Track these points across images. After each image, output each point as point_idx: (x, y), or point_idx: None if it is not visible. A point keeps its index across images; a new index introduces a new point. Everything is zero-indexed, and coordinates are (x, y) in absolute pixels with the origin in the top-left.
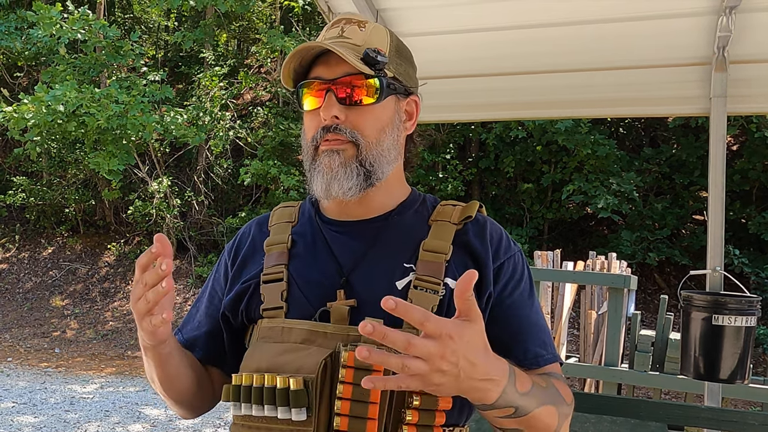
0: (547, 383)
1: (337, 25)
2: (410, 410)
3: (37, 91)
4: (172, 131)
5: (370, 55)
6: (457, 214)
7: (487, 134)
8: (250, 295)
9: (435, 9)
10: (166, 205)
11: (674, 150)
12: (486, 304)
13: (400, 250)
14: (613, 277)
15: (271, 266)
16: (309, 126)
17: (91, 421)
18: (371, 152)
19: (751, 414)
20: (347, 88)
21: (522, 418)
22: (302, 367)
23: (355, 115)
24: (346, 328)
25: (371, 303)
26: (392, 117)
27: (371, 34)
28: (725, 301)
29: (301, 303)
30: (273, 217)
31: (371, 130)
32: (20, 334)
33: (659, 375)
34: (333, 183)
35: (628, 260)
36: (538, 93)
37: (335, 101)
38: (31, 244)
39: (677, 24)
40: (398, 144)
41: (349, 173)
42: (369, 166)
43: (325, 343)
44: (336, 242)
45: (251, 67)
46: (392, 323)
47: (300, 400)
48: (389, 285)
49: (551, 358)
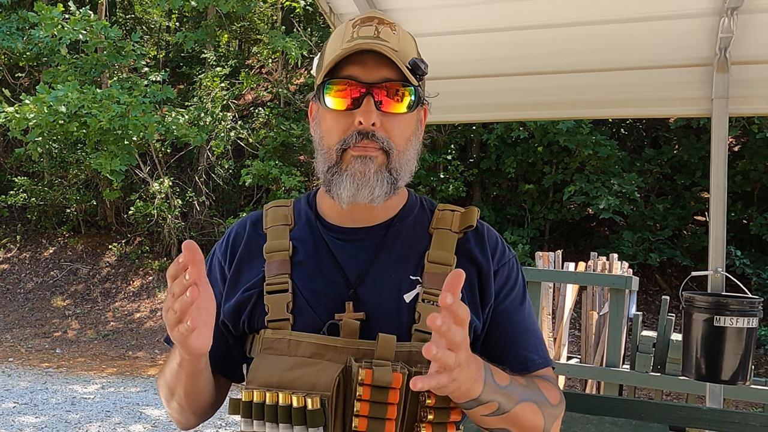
0: (528, 382)
1: (370, 24)
2: (424, 423)
3: (39, 92)
4: (173, 131)
5: (419, 65)
6: (457, 221)
7: (489, 135)
8: (252, 305)
9: (436, 10)
10: (167, 205)
11: (676, 151)
12: (487, 315)
13: (405, 261)
14: (614, 278)
15: (274, 275)
16: (335, 126)
17: (92, 422)
18: (399, 161)
19: (752, 415)
20: (385, 94)
21: (506, 416)
22: (316, 385)
23: (389, 123)
24: (356, 342)
25: (380, 316)
26: (416, 126)
27: (402, 38)
28: (727, 302)
29: (308, 315)
30: (267, 218)
31: (401, 140)
32: (21, 335)
33: (661, 376)
34: (364, 189)
35: (629, 261)
36: (539, 94)
37: (374, 107)
38: (32, 245)
39: (679, 25)
40: (418, 152)
41: (380, 180)
42: (396, 174)
43: (336, 357)
44: (340, 251)
45: (252, 68)
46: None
47: (317, 420)
48: (397, 298)
49: (543, 362)
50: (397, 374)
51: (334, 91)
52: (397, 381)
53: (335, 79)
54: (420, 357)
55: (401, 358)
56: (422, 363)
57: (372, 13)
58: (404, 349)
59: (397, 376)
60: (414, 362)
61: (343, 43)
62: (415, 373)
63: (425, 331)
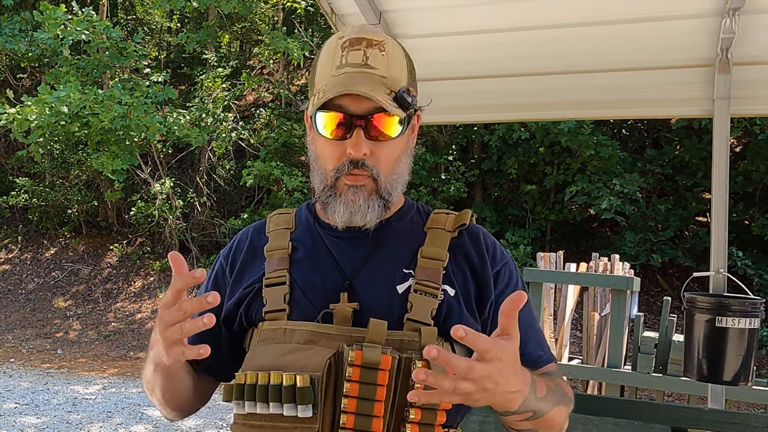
0: (556, 384)
1: (358, 48)
2: (413, 408)
3: (41, 92)
4: (174, 132)
5: (405, 98)
6: (451, 222)
7: (490, 136)
8: (251, 298)
9: (438, 11)
10: (168, 206)
11: (677, 151)
12: (489, 313)
13: (400, 255)
14: (615, 278)
15: (273, 270)
16: (329, 154)
17: (93, 422)
18: (388, 182)
19: (754, 416)
20: (374, 125)
21: (538, 420)
22: (307, 366)
23: (378, 150)
24: (349, 330)
25: (373, 306)
26: (407, 142)
27: (392, 59)
28: (728, 303)
29: (304, 305)
30: (270, 224)
31: (389, 164)
32: (23, 335)
33: (662, 377)
34: (356, 215)
35: (631, 262)
36: (541, 94)
37: (364, 138)
38: (33, 245)
39: (680, 26)
40: (409, 164)
41: (371, 206)
42: (387, 195)
43: (329, 344)
44: (337, 247)
45: (254, 69)
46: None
47: (306, 397)
48: (390, 289)
49: (548, 358)
50: (386, 356)
51: (325, 120)
52: (386, 363)
53: (325, 110)
54: (411, 345)
55: (393, 346)
56: (414, 351)
57: (361, 33)
58: (396, 337)
59: (386, 357)
60: (405, 350)
61: (333, 69)
62: (406, 359)
63: (417, 321)
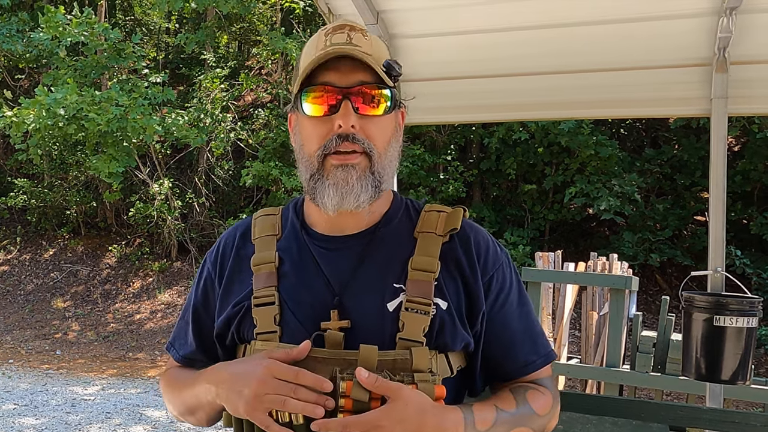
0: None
1: (342, 31)
2: None
3: (38, 94)
4: (173, 133)
5: (393, 66)
6: (441, 223)
7: (490, 138)
8: (241, 317)
9: (435, 10)
10: (167, 206)
11: (675, 151)
12: (480, 325)
13: (389, 268)
14: (614, 278)
15: (261, 288)
16: (313, 133)
17: (92, 423)
18: (381, 163)
19: (753, 415)
20: (362, 98)
21: None
22: None
23: (368, 126)
24: (341, 353)
25: (364, 325)
26: (395, 128)
27: (375, 42)
28: (727, 302)
29: (295, 327)
30: (255, 228)
31: (381, 141)
32: (22, 336)
33: (661, 376)
34: (348, 197)
35: (629, 261)
36: (538, 94)
37: (352, 110)
38: (32, 246)
39: (678, 25)
40: (398, 155)
41: (365, 186)
42: (379, 176)
43: (321, 369)
44: (324, 260)
45: (252, 69)
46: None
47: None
48: (381, 306)
49: (541, 362)
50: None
51: (311, 98)
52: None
53: (311, 86)
54: (404, 365)
55: (386, 367)
56: (406, 371)
57: (343, 21)
58: (388, 357)
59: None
60: (398, 371)
61: (317, 51)
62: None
63: (409, 339)
